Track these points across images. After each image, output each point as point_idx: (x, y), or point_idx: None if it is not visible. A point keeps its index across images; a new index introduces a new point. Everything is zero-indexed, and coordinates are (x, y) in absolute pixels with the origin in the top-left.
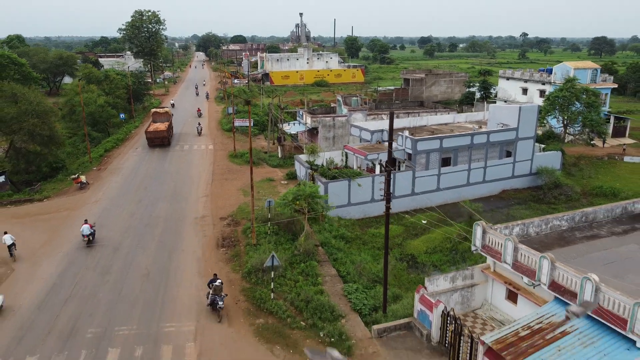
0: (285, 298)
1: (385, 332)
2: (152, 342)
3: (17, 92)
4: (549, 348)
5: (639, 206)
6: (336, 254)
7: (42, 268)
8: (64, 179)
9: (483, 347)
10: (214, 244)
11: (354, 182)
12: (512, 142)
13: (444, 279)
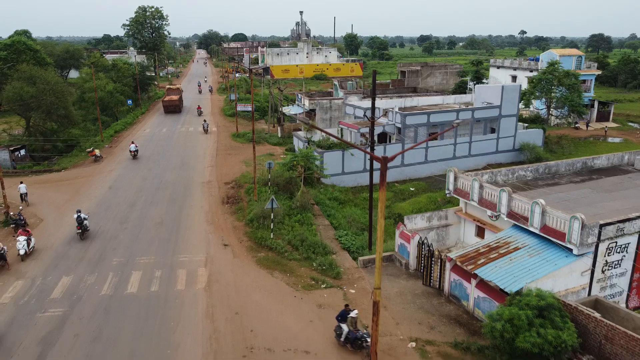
0: (283, 238)
1: (369, 263)
2: (169, 267)
3: (35, 74)
4: (502, 259)
5: (597, 162)
6: (329, 210)
7: (68, 218)
8: (78, 154)
9: (450, 264)
10: (219, 201)
11: (348, 152)
12: (495, 119)
13: (421, 218)
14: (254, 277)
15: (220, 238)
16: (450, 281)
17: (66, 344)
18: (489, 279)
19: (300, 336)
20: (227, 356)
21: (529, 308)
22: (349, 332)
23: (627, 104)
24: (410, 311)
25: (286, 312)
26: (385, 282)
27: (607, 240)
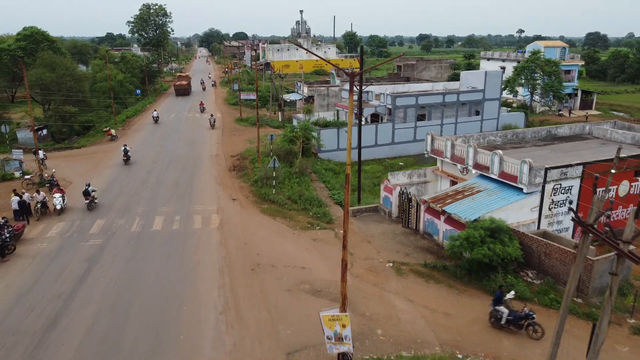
0: (284, 194)
1: (358, 212)
2: (186, 214)
3: (55, 60)
4: (466, 199)
5: (560, 130)
6: (325, 177)
7: (94, 180)
8: (95, 134)
9: (424, 205)
10: (226, 169)
11: (342, 129)
12: (479, 102)
13: (402, 175)
14: (259, 221)
15: (229, 194)
16: (424, 220)
17: (107, 262)
18: (453, 212)
19: (298, 258)
20: (239, 270)
21: (482, 229)
22: (509, 313)
23: (613, 95)
24: (390, 244)
25: (286, 243)
26: (371, 225)
27: (552, 182)
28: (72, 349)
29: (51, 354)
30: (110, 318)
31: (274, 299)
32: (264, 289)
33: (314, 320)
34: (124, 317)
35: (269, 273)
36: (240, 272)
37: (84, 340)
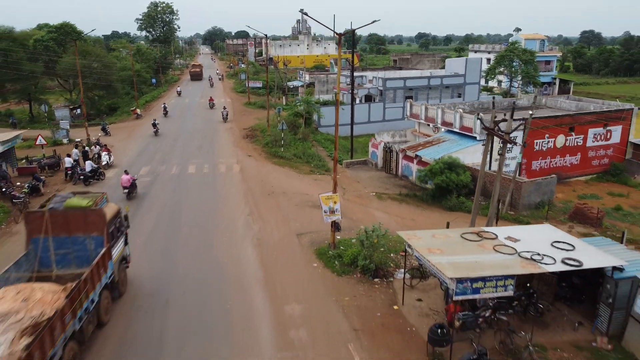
0: (290, 152)
1: (351, 164)
2: (212, 164)
3: (86, 48)
4: (434, 146)
5: (520, 102)
6: (324, 144)
7: (131, 145)
8: (121, 114)
9: (402, 153)
10: (240, 137)
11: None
12: (461, 86)
13: (387, 134)
14: (271, 169)
15: (245, 153)
16: (402, 166)
17: (157, 190)
18: (423, 155)
19: (303, 189)
20: (258, 194)
21: (442, 163)
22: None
23: (594, 85)
24: (374, 183)
25: (293, 181)
26: (360, 172)
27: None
28: (142, 239)
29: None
30: (169, 219)
31: (286, 209)
32: (278, 204)
33: (314, 220)
34: (178, 218)
35: (281, 196)
36: (259, 195)
37: (152, 231)
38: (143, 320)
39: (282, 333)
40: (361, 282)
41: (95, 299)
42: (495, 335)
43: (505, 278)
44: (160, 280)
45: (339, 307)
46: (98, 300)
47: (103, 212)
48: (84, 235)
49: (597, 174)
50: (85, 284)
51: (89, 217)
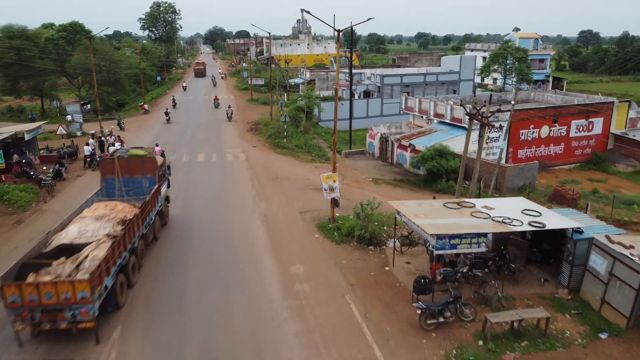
0: (292, 143)
1: (349, 154)
2: (220, 153)
3: (96, 46)
4: (426, 136)
5: (509, 96)
6: (324, 137)
7: (141, 137)
8: (129, 109)
9: (397, 142)
10: (245, 130)
11: (340, 102)
12: (456, 82)
13: (383, 126)
14: (275, 158)
15: (250, 144)
16: (397, 154)
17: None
18: (416, 144)
19: (305, 175)
20: (264, 179)
21: (433, 150)
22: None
23: (588, 83)
24: (371, 170)
25: (296, 169)
26: (358, 161)
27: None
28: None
29: None
30: (184, 197)
31: (289, 191)
32: (282, 187)
33: (315, 200)
34: (192, 197)
35: (285, 181)
36: (265, 180)
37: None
38: (168, 278)
39: (289, 286)
40: (357, 249)
41: (152, 218)
42: (471, 287)
43: (478, 236)
44: (179, 247)
45: (337, 268)
46: (154, 221)
47: (155, 159)
48: (141, 177)
49: (580, 163)
50: (147, 205)
51: (145, 163)
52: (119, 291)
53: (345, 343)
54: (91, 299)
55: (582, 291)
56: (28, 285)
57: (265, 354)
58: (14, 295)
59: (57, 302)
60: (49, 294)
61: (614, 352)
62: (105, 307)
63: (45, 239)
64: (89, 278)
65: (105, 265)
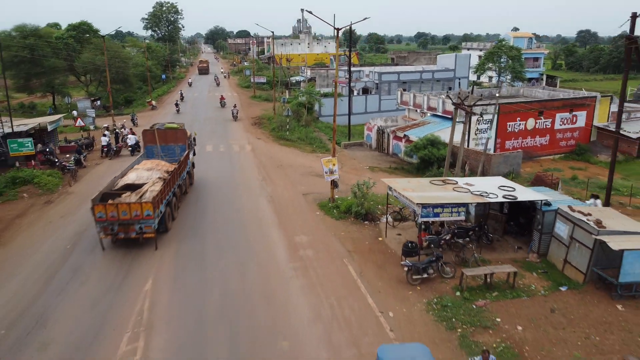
0: (295, 136)
1: (348, 146)
2: (227, 144)
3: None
4: (419, 127)
5: (502, 91)
6: (325, 131)
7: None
8: (137, 106)
9: (392, 134)
10: (249, 124)
11: (339, 99)
12: (451, 80)
13: (380, 119)
14: (278, 149)
15: (254, 136)
16: (392, 145)
17: None
18: (410, 135)
19: (307, 163)
20: (269, 166)
21: (425, 139)
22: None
23: (583, 82)
24: (368, 160)
25: (298, 158)
26: (356, 152)
27: (476, 115)
28: None
29: None
30: (196, 180)
31: (293, 177)
32: (286, 174)
33: (317, 184)
34: (204, 180)
35: (289, 168)
36: (270, 167)
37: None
38: (190, 243)
39: (293, 252)
40: (354, 224)
41: (184, 175)
42: (452, 251)
43: (458, 206)
44: (196, 221)
45: (336, 238)
46: (185, 177)
47: (186, 131)
48: (174, 144)
49: (564, 154)
50: (181, 164)
51: (177, 134)
52: (167, 218)
53: (343, 294)
54: (153, 216)
55: (549, 255)
56: (110, 204)
57: (275, 301)
58: (100, 212)
59: (130, 218)
60: (124, 212)
61: (570, 300)
62: (159, 228)
63: (112, 181)
64: (152, 201)
65: (160, 196)
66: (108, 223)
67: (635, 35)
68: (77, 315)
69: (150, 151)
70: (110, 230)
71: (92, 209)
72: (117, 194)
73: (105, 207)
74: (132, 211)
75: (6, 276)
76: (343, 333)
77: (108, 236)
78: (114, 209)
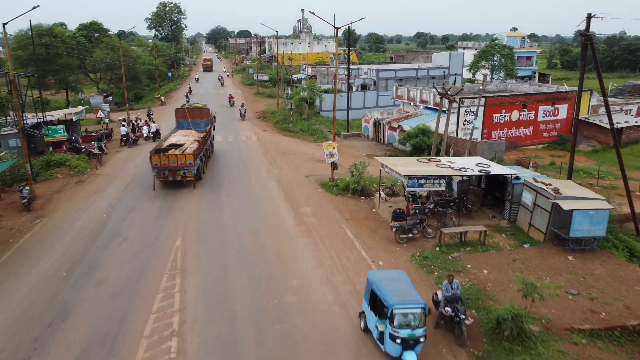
0: (297, 128)
1: (347, 137)
2: (235, 135)
3: (115, 44)
4: (412, 119)
5: (489, 86)
6: (325, 124)
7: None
8: (147, 101)
9: (387, 125)
10: (255, 118)
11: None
12: (445, 77)
13: (376, 112)
14: (282, 139)
15: (260, 128)
16: (387, 135)
17: None
18: (403, 125)
19: (308, 151)
20: (275, 153)
21: (417, 129)
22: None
23: (575, 80)
24: (365, 148)
25: (301, 146)
26: (355, 142)
27: (463, 107)
28: None
29: None
30: (210, 164)
31: (296, 162)
32: (290, 159)
33: (318, 168)
34: (216, 164)
35: (292, 155)
36: (275, 154)
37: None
38: (209, 212)
39: (299, 219)
40: (351, 199)
41: (208, 144)
42: (435, 218)
43: (439, 178)
44: (213, 195)
45: (335, 210)
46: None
47: (209, 110)
48: (200, 120)
49: (547, 144)
50: (206, 135)
51: (202, 111)
52: (201, 169)
53: (341, 249)
54: (193, 164)
55: (518, 220)
56: (164, 155)
57: (284, 254)
58: (156, 160)
59: (177, 165)
60: (173, 161)
61: (531, 253)
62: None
63: (160, 141)
64: (193, 153)
65: (197, 151)
66: (161, 169)
67: (590, 32)
68: (122, 262)
69: (181, 125)
70: (162, 174)
71: (150, 158)
72: (166, 149)
73: (160, 157)
74: (179, 160)
75: (57, 237)
76: (341, 275)
77: (160, 179)
78: (166, 158)
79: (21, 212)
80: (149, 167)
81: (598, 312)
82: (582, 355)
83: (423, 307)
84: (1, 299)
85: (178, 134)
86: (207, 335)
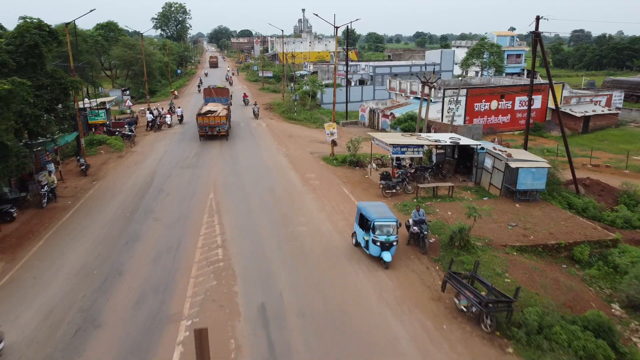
0: (301, 117)
1: (345, 124)
2: (246, 122)
3: (132, 42)
4: (402, 107)
5: (473, 81)
6: (326, 114)
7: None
8: (161, 95)
9: (381, 113)
10: (262, 109)
11: (338, 88)
12: (437, 73)
13: (372, 102)
14: (288, 125)
15: (267, 117)
16: (381, 122)
17: None
18: (394, 112)
19: (312, 135)
20: (282, 136)
21: (406, 116)
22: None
23: (565, 78)
24: (361, 133)
25: (304, 132)
26: (352, 129)
27: (447, 97)
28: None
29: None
30: (227, 146)
31: (301, 143)
32: (296, 141)
33: (320, 147)
34: (232, 145)
35: (298, 137)
36: (283, 137)
37: (220, 148)
38: (232, 179)
39: (306, 182)
40: (348, 169)
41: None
42: (414, 181)
43: (418, 147)
44: (233, 168)
45: (335, 176)
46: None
47: (229, 90)
48: (222, 97)
49: (523, 130)
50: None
51: (224, 91)
52: (228, 130)
53: (339, 201)
54: (226, 123)
55: (482, 182)
56: (206, 116)
57: (295, 203)
58: (200, 120)
59: (214, 124)
60: (212, 120)
61: (488, 203)
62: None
63: (199, 108)
64: (224, 115)
65: (226, 115)
66: (203, 126)
67: (539, 31)
68: (171, 208)
69: (207, 100)
70: (204, 130)
71: (196, 119)
72: (205, 113)
73: (203, 118)
74: (215, 120)
75: (114, 193)
76: (338, 216)
77: (202, 133)
78: (207, 119)
79: (80, 177)
80: (176, 146)
81: (528, 236)
82: (510, 259)
83: (396, 221)
84: (86, 229)
85: (209, 106)
86: (242, 247)
